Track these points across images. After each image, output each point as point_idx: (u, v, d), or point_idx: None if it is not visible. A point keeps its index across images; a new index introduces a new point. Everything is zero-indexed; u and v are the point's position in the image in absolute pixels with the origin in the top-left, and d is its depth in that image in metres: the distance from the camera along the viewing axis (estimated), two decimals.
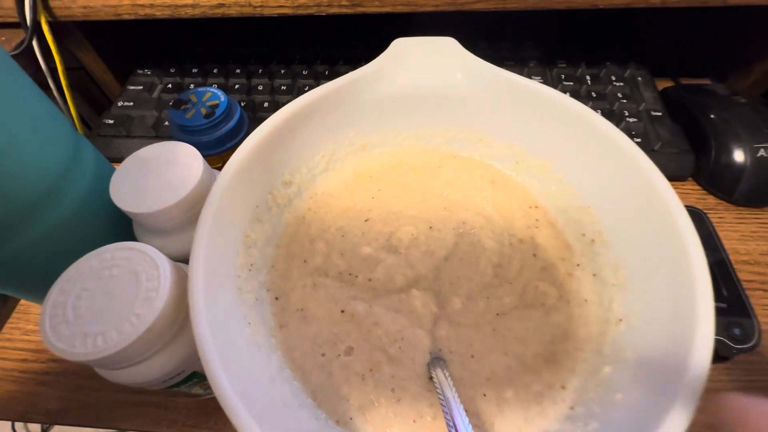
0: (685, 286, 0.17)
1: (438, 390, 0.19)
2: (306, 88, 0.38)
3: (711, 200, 0.32)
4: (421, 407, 0.20)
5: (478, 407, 0.20)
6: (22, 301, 0.30)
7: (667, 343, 0.17)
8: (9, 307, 0.30)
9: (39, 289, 0.22)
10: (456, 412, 0.17)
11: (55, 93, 0.37)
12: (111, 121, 0.36)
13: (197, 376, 0.20)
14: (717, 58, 0.40)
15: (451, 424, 0.17)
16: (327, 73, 0.39)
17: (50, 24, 0.34)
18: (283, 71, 0.39)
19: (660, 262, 0.19)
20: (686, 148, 0.33)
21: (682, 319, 0.17)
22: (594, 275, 0.23)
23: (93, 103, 0.44)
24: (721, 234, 0.29)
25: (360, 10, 0.32)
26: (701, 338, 0.15)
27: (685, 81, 0.41)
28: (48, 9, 0.33)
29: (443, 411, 0.18)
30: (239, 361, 0.18)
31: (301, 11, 0.33)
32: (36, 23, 0.33)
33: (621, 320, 0.20)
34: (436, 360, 0.20)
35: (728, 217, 0.31)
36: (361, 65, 0.26)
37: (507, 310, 0.22)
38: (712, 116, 0.33)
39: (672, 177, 0.33)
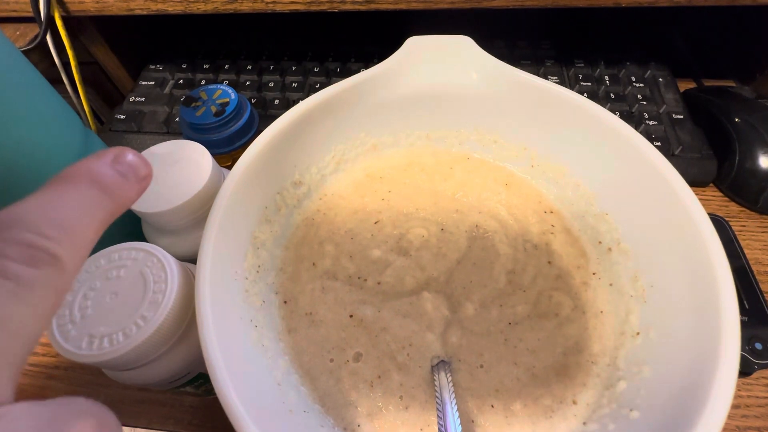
0: (708, 300, 0.17)
1: (436, 392, 0.18)
2: (317, 86, 0.38)
3: (733, 207, 0.31)
4: (428, 416, 0.19)
5: (486, 419, 0.19)
6: None
7: (689, 360, 0.16)
8: None
9: None
10: (449, 416, 0.17)
11: (68, 88, 0.37)
12: (122, 117, 0.36)
13: (203, 377, 0.20)
14: (743, 58, 0.39)
15: (442, 425, 0.17)
16: (339, 70, 0.39)
17: (64, 19, 0.34)
18: (294, 68, 0.39)
19: (681, 273, 0.19)
20: (708, 153, 0.32)
21: (705, 335, 0.16)
22: (611, 285, 0.22)
23: (106, 98, 0.44)
24: (743, 243, 0.28)
25: (373, 6, 0.32)
26: (727, 357, 0.15)
27: (708, 83, 0.39)
28: (61, 4, 0.33)
29: (437, 413, 0.18)
30: (245, 364, 0.17)
31: (314, 7, 0.32)
32: (50, 18, 0.33)
33: (638, 333, 0.20)
34: (442, 364, 0.20)
35: (751, 225, 0.30)
36: (373, 62, 0.25)
37: (520, 319, 0.21)
38: (736, 120, 0.32)
39: (693, 183, 0.32)
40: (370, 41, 0.41)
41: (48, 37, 0.34)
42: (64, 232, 0.10)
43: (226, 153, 0.29)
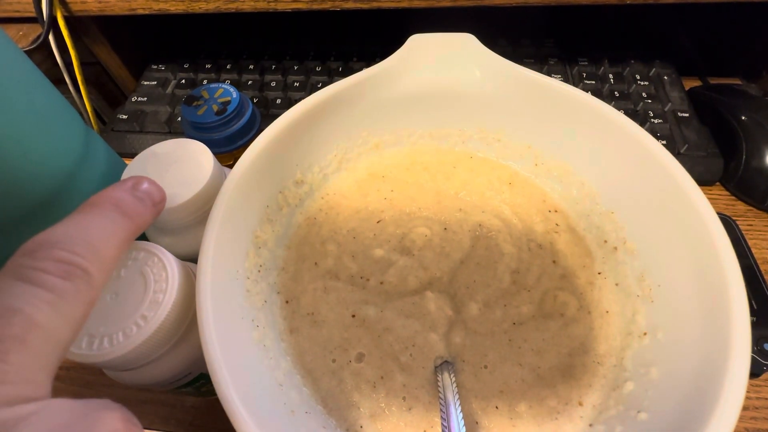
0: (717, 300, 0.16)
1: (440, 392, 0.18)
2: (319, 85, 0.38)
3: (740, 207, 0.31)
4: (431, 417, 0.19)
5: (490, 420, 0.19)
6: None
7: (698, 361, 0.16)
8: None
9: None
10: (453, 417, 0.17)
11: (70, 88, 0.37)
12: (125, 117, 0.36)
13: (205, 378, 0.20)
14: (748, 56, 0.39)
15: (446, 427, 0.17)
16: (341, 69, 0.39)
17: (66, 19, 0.34)
18: (296, 67, 0.39)
19: (689, 272, 0.18)
20: (714, 152, 0.31)
21: (715, 336, 0.16)
22: (616, 285, 0.22)
23: (108, 98, 0.44)
24: (750, 242, 0.28)
25: (375, 5, 0.32)
26: (737, 358, 0.14)
27: (714, 80, 0.39)
28: (64, 4, 0.33)
29: (441, 414, 0.17)
30: (246, 365, 0.17)
31: (316, 6, 0.32)
32: (52, 18, 0.33)
33: (645, 334, 0.19)
34: (445, 364, 0.20)
35: (759, 224, 0.30)
36: (376, 62, 0.25)
37: (524, 319, 0.21)
38: (743, 118, 0.31)
39: (699, 181, 0.31)
40: (372, 40, 0.41)
41: (50, 38, 0.34)
42: (93, 250, 0.12)
43: (228, 152, 0.29)
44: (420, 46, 0.25)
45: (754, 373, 0.23)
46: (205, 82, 0.39)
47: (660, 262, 0.20)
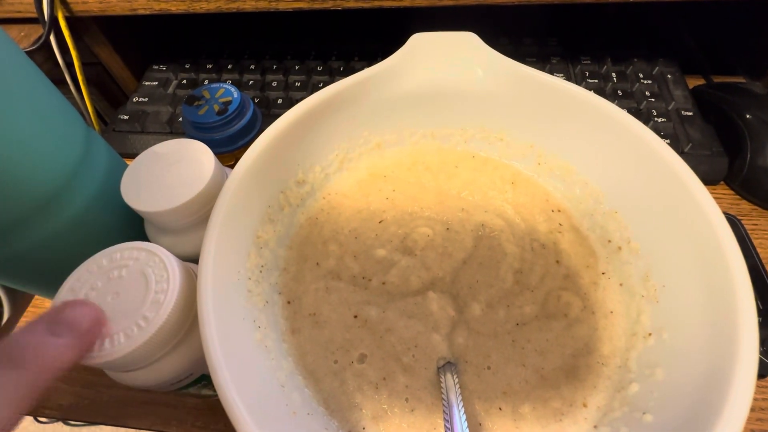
0: (723, 300, 0.16)
1: (443, 394, 0.18)
2: (321, 85, 0.37)
3: (745, 206, 0.31)
4: (434, 418, 0.19)
5: (493, 422, 0.19)
6: (37, 296, 0.30)
7: (704, 362, 0.16)
8: (25, 301, 0.30)
9: (50, 285, 0.22)
10: (456, 418, 0.17)
11: (72, 88, 0.37)
12: (126, 117, 0.36)
13: (206, 379, 0.20)
14: (752, 54, 0.38)
15: (449, 428, 0.16)
16: (342, 69, 0.38)
17: (67, 19, 0.34)
18: (297, 67, 0.39)
19: (695, 272, 0.18)
20: (719, 151, 0.31)
21: (721, 336, 0.16)
22: (621, 285, 0.21)
23: (110, 98, 0.44)
24: (755, 242, 0.27)
25: (377, 4, 0.32)
26: (744, 359, 0.14)
27: (717, 79, 0.39)
28: (65, 4, 0.33)
29: (444, 416, 0.17)
30: (248, 366, 0.17)
31: (318, 5, 0.32)
32: (53, 19, 0.33)
33: (650, 334, 0.19)
34: (448, 365, 0.20)
35: (764, 224, 0.30)
36: (377, 61, 0.25)
37: (527, 320, 0.21)
38: (747, 116, 0.31)
39: (703, 181, 0.31)
40: (373, 39, 0.41)
41: (52, 38, 0.34)
42: None
43: (229, 152, 0.29)
44: (422, 45, 0.25)
45: (761, 374, 0.23)
46: (206, 82, 0.39)
47: (665, 262, 0.20)
